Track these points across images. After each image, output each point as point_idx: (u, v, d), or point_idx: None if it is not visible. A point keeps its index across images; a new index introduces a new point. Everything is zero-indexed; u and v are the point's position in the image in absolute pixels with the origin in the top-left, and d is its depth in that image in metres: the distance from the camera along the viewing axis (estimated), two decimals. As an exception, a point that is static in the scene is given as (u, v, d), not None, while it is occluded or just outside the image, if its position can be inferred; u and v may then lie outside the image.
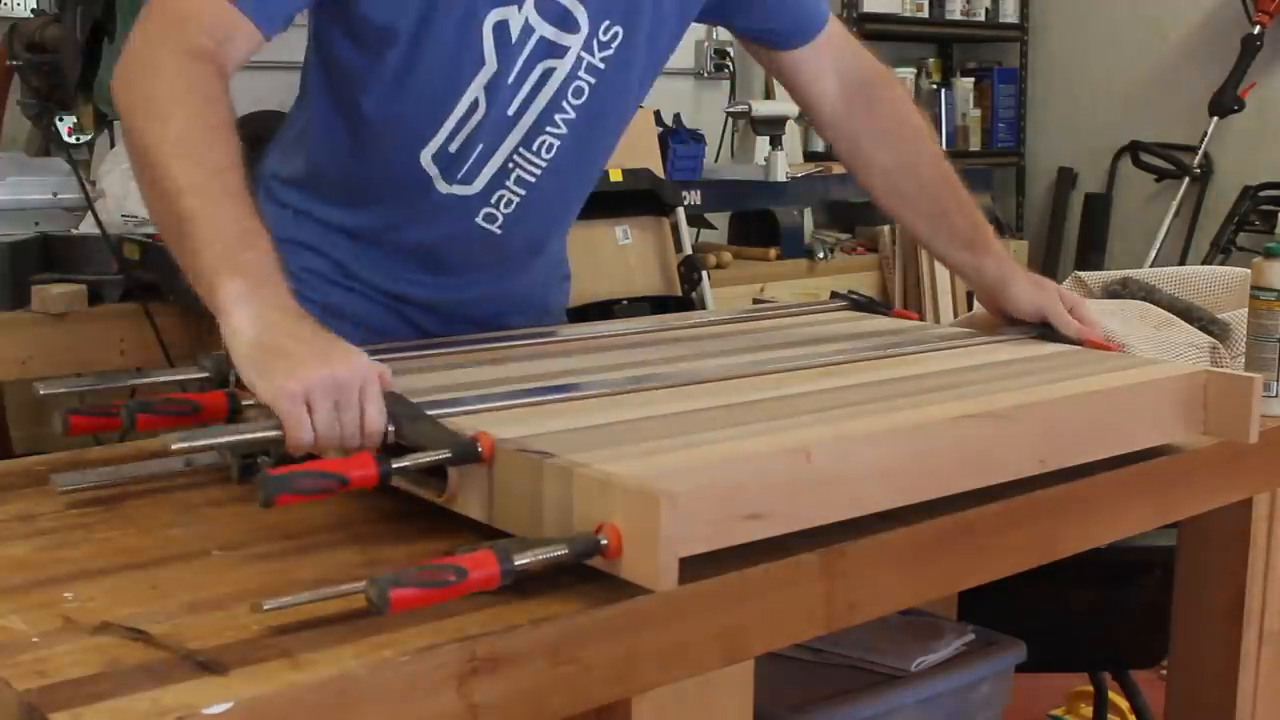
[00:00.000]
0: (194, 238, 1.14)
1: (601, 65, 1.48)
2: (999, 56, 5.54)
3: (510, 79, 1.45)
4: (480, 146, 1.48)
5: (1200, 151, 4.87)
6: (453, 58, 1.42)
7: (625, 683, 0.98)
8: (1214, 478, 1.44)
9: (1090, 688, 2.30)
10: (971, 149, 5.36)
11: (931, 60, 5.43)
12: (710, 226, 4.10)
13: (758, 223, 4.00)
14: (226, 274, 1.11)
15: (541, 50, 1.45)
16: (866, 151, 1.66)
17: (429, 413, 1.11)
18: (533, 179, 1.52)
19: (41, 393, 1.22)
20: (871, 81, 1.66)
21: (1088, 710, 2.70)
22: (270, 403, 1.06)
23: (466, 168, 1.49)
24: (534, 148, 1.50)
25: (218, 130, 1.20)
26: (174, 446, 1.02)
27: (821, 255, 3.88)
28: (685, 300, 3.39)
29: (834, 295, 1.79)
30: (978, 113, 5.40)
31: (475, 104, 1.45)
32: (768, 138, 3.82)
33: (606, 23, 1.47)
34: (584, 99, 1.49)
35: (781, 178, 3.80)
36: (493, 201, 1.52)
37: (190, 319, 2.55)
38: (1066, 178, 5.39)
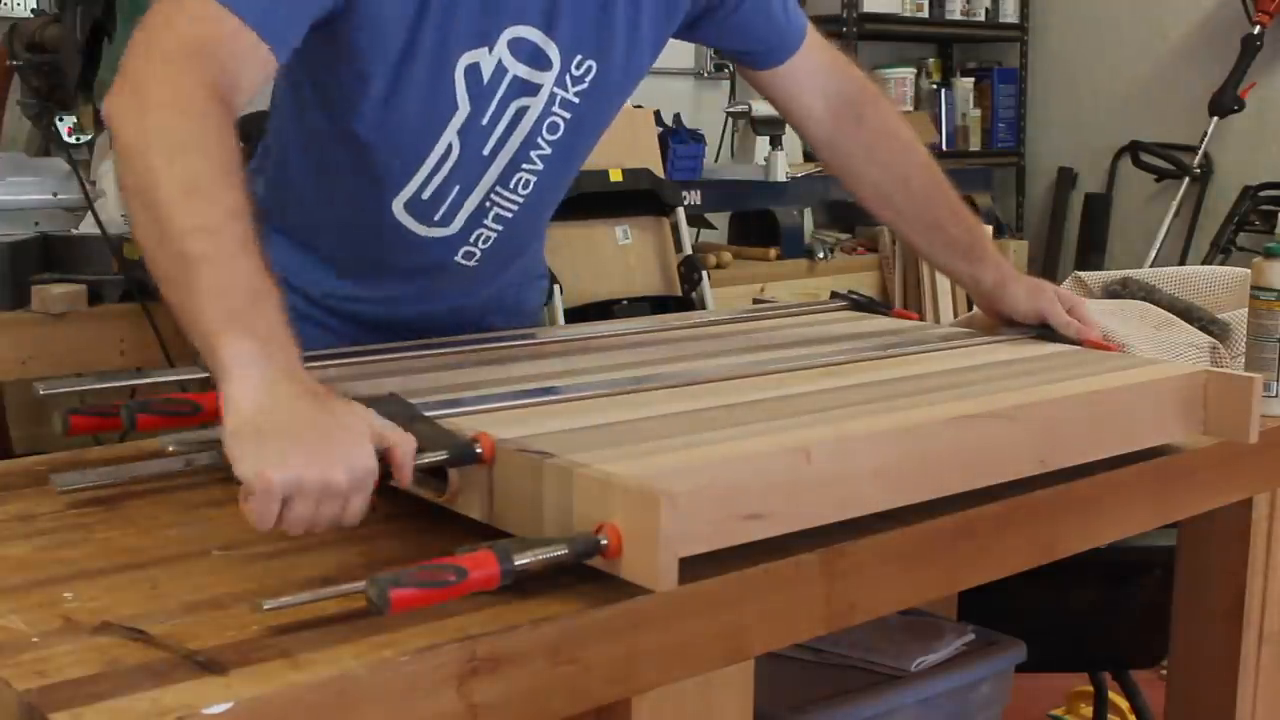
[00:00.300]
0: (199, 285, 1.02)
1: (575, 100, 1.46)
2: (999, 56, 5.54)
3: (485, 120, 1.42)
4: (456, 189, 1.46)
5: (1200, 151, 4.87)
6: (427, 103, 1.38)
7: (625, 683, 0.98)
8: (1214, 478, 1.44)
9: (1090, 688, 2.30)
10: (971, 149, 5.36)
11: (931, 60, 5.43)
12: (710, 226, 4.10)
13: (758, 223, 4.00)
14: (234, 332, 1.01)
15: (515, 89, 1.42)
16: (857, 167, 1.66)
17: (428, 414, 1.11)
18: (510, 214, 1.50)
19: (41, 393, 1.22)
20: (857, 97, 1.66)
21: (1088, 710, 2.70)
22: (246, 487, 0.95)
23: (443, 210, 1.46)
24: (511, 185, 1.48)
25: (230, 175, 1.09)
26: (170, 449, 1.02)
27: (821, 255, 3.88)
28: (685, 300, 3.39)
29: (834, 295, 1.79)
30: (978, 113, 5.40)
31: (449, 149, 1.42)
32: (768, 138, 3.82)
33: (579, 57, 1.44)
34: (559, 134, 1.47)
35: (781, 178, 3.80)
36: (471, 240, 1.51)
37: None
38: (1066, 178, 5.39)
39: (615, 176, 3.25)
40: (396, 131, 1.39)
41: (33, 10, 3.02)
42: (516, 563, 0.93)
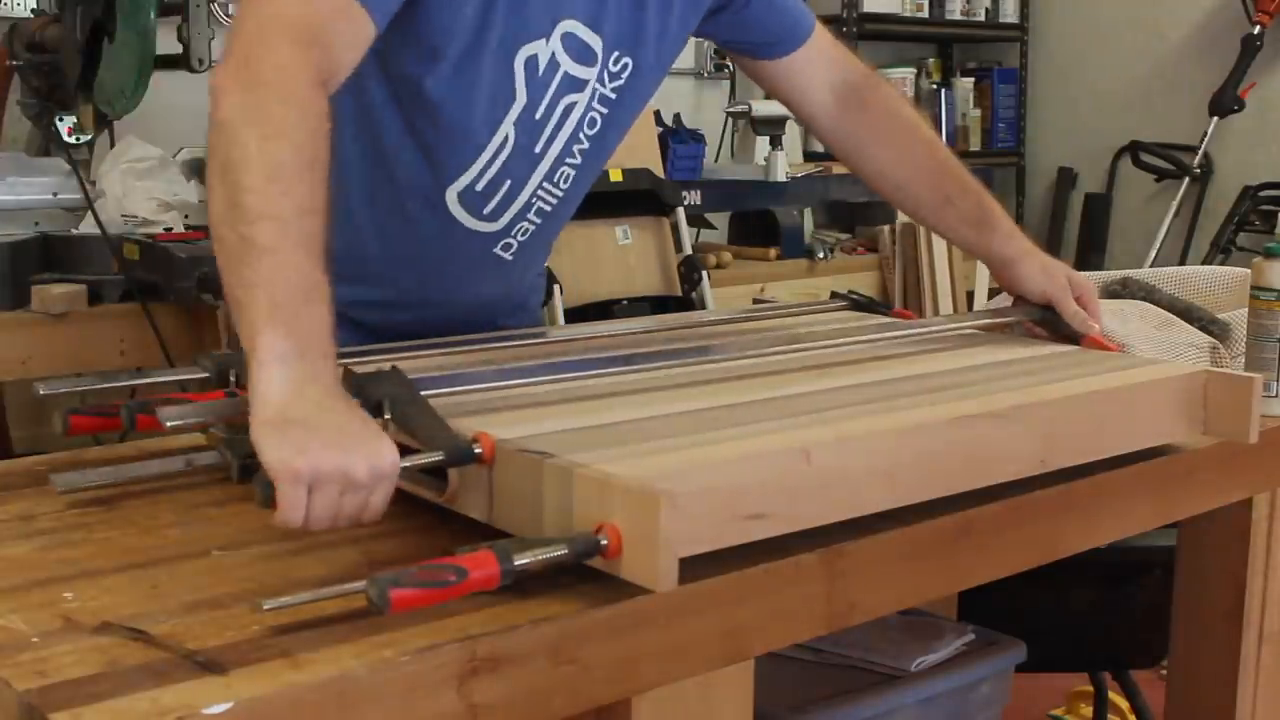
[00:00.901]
0: (257, 273, 1.05)
1: (612, 95, 1.50)
2: (999, 56, 5.54)
3: (538, 114, 1.45)
4: (508, 183, 1.48)
5: (1200, 151, 4.87)
6: (492, 87, 1.41)
7: (625, 683, 0.98)
8: (1214, 478, 1.44)
9: (1090, 688, 2.30)
10: (971, 149, 5.36)
11: (931, 60, 5.43)
12: (710, 226, 4.10)
13: (758, 223, 4.00)
14: (277, 328, 1.02)
15: (565, 85, 1.45)
16: (864, 151, 1.67)
17: (425, 392, 1.11)
18: (549, 209, 1.54)
19: (41, 393, 1.22)
20: (860, 84, 1.66)
21: (1088, 710, 2.70)
22: (272, 475, 0.97)
23: (494, 204, 1.49)
24: (554, 180, 1.51)
25: (314, 170, 1.11)
26: (167, 424, 1.02)
27: (821, 255, 3.88)
28: (685, 300, 3.39)
29: (834, 295, 1.79)
30: (978, 113, 5.40)
31: (506, 139, 1.44)
32: (768, 138, 3.82)
33: (617, 53, 1.47)
34: (596, 129, 1.51)
35: (781, 178, 3.80)
36: (513, 233, 1.53)
37: (190, 319, 2.55)
38: (1066, 178, 5.39)
39: (615, 176, 3.25)
40: (463, 111, 1.40)
41: (33, 10, 3.02)
42: (516, 563, 0.93)
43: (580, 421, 1.14)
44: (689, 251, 3.46)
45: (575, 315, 3.07)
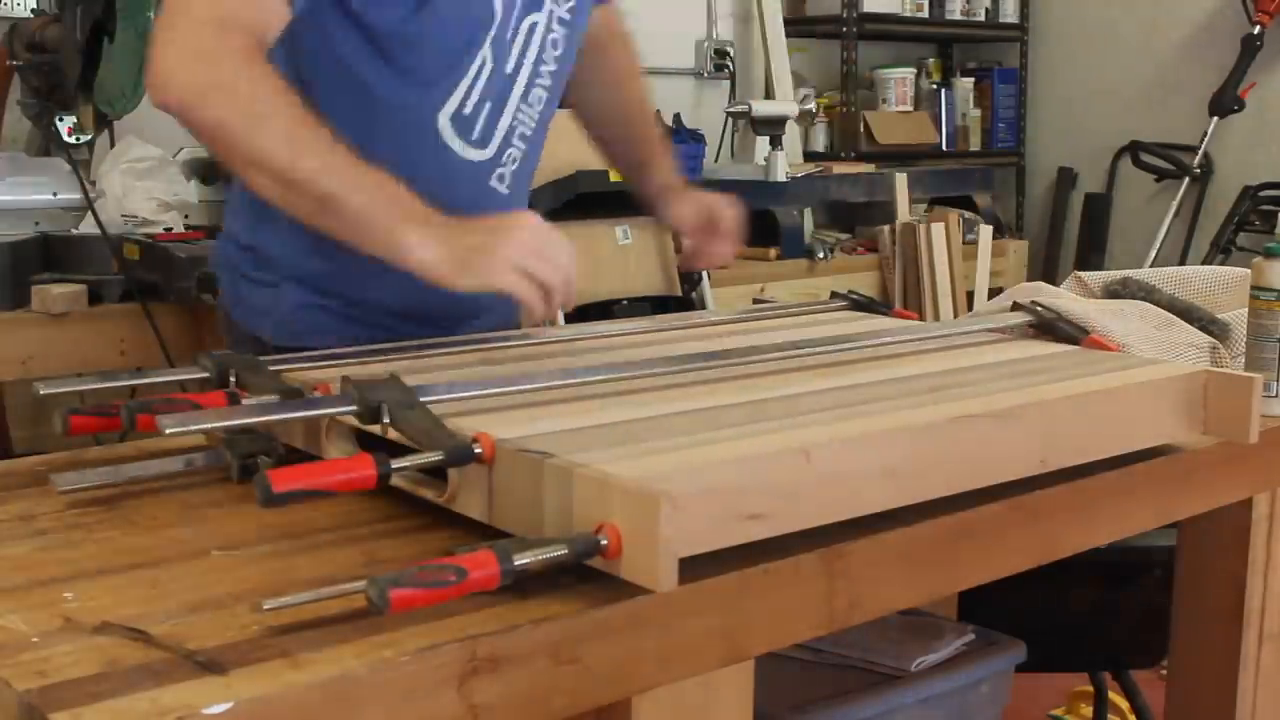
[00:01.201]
0: (347, 210, 1.29)
1: (567, 15, 1.60)
2: (999, 56, 5.54)
3: (508, 34, 1.53)
4: (488, 105, 1.55)
5: (1200, 151, 4.87)
6: (468, 10, 1.49)
7: (625, 683, 0.98)
8: (1214, 478, 1.44)
9: (1090, 688, 2.30)
10: (971, 149, 5.36)
11: (931, 60, 5.42)
12: (710, 226, 4.09)
13: (758, 223, 3.98)
14: (397, 223, 1.28)
15: (526, 5, 1.54)
16: (580, 93, 1.82)
17: (424, 399, 1.11)
18: (529, 132, 1.61)
19: (41, 393, 1.22)
20: (603, 37, 1.80)
21: (1088, 710, 2.70)
22: (496, 285, 1.27)
23: (480, 129, 1.55)
24: (529, 100, 1.59)
25: (305, 117, 1.30)
26: (167, 430, 1.02)
27: (821, 255, 3.88)
28: (685, 300, 3.39)
29: (834, 295, 1.79)
30: (978, 113, 5.40)
31: (484, 61, 1.52)
32: (768, 138, 3.83)
33: None
34: (559, 50, 1.60)
35: (781, 178, 3.80)
36: (503, 161, 1.59)
37: (190, 319, 2.55)
38: (1066, 178, 5.39)
39: (615, 176, 3.24)
40: (438, 34, 1.47)
41: (33, 10, 3.02)
42: (516, 563, 0.93)
43: (580, 421, 1.14)
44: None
45: (575, 315, 3.07)
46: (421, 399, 1.11)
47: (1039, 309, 1.57)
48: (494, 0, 1.50)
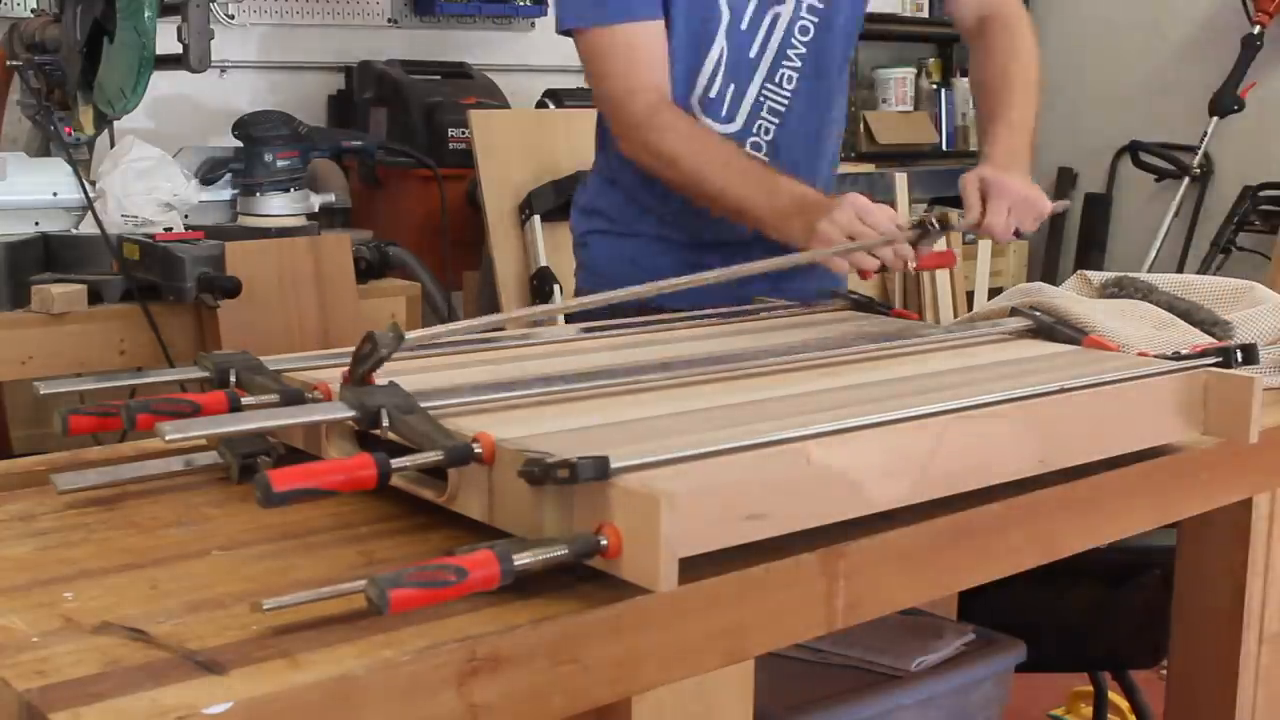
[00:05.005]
0: (748, 217, 1.74)
1: (820, 5, 1.87)
2: (999, 56, 5.53)
3: (744, 25, 1.85)
4: (733, 87, 1.87)
5: (1200, 151, 4.86)
6: (701, 11, 1.82)
7: (625, 683, 0.98)
8: (1214, 478, 1.44)
9: (1090, 688, 2.30)
10: (971, 149, 5.35)
11: (931, 60, 5.42)
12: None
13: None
14: (780, 222, 1.69)
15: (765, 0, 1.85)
16: (979, 60, 1.98)
17: (424, 405, 1.11)
18: (783, 107, 1.90)
19: (41, 393, 1.22)
20: (993, 15, 1.97)
21: (1088, 710, 2.70)
22: (839, 236, 1.61)
23: (726, 107, 1.88)
24: (777, 80, 1.89)
25: (705, 147, 1.77)
26: (168, 437, 1.02)
27: (822, 255, 3.87)
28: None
29: (834, 295, 1.79)
30: (978, 113, 5.39)
31: (722, 51, 1.85)
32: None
33: None
34: (810, 35, 1.88)
35: (782, 178, 3.79)
36: (754, 131, 1.90)
37: (190, 319, 2.55)
38: (1066, 178, 5.39)
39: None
40: (678, 37, 1.82)
41: (33, 10, 3.02)
42: (516, 563, 0.93)
43: (580, 421, 1.14)
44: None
45: (576, 315, 3.07)
46: (421, 404, 1.11)
47: (1037, 315, 1.57)
48: (721, 2, 1.83)
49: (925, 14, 5.15)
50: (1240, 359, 1.41)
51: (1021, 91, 1.88)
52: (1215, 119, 4.79)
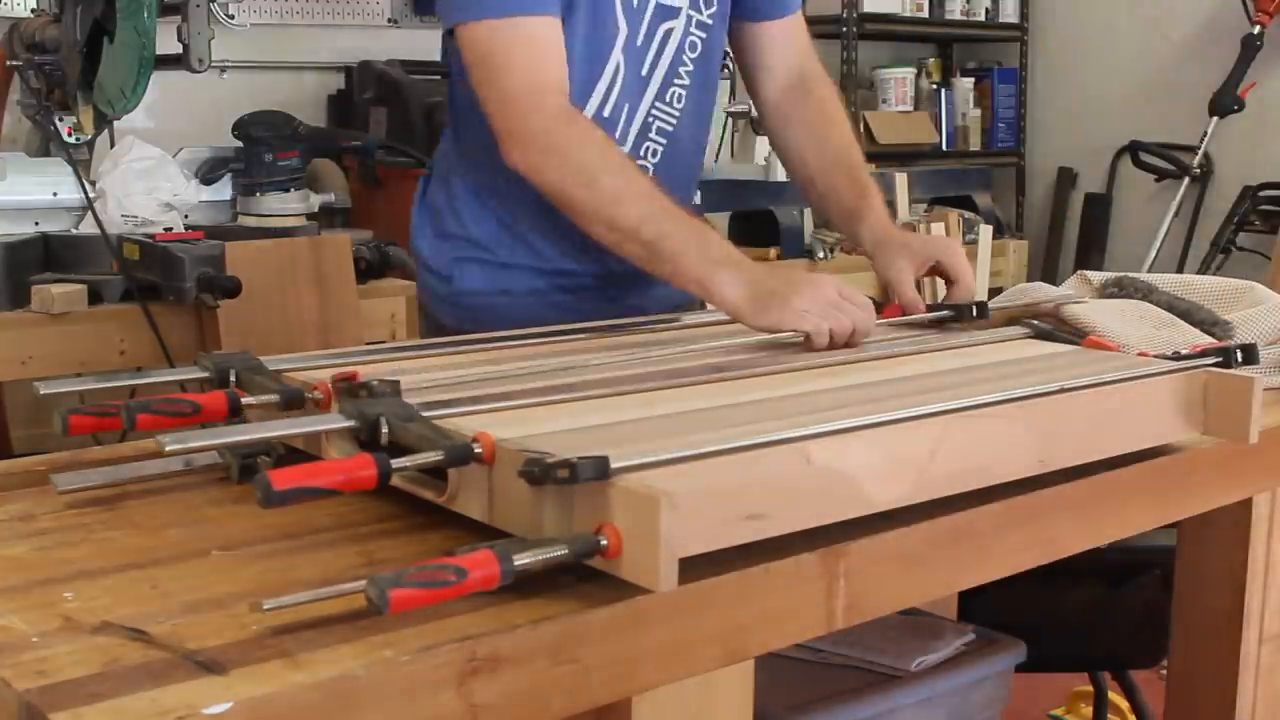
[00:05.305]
0: (666, 255, 1.49)
1: (708, 21, 1.75)
2: (999, 56, 5.54)
3: (639, 41, 1.70)
4: (626, 107, 1.71)
5: (1200, 151, 4.87)
6: (598, 26, 1.66)
7: (625, 683, 0.98)
8: (1214, 478, 1.44)
9: (1090, 688, 2.30)
10: (971, 149, 5.36)
11: (931, 60, 5.43)
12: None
13: (758, 223, 3.99)
14: (709, 267, 1.47)
15: (660, 14, 1.70)
16: (790, 135, 1.86)
17: (425, 415, 1.11)
18: (670, 128, 1.76)
19: (41, 393, 1.22)
20: (811, 79, 1.86)
21: (1088, 710, 2.70)
22: (789, 326, 1.42)
23: (619, 128, 1.71)
24: (667, 99, 1.75)
25: (627, 166, 1.56)
26: (168, 448, 1.02)
27: (821, 255, 3.88)
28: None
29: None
30: (978, 113, 5.40)
31: (618, 68, 1.69)
32: (768, 138, 3.82)
33: None
34: (698, 52, 1.75)
35: (781, 178, 3.79)
36: (642, 154, 1.75)
37: (190, 319, 2.55)
38: (1066, 178, 5.39)
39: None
40: (576, 49, 1.64)
41: (33, 10, 3.02)
42: (516, 563, 0.93)
43: (580, 421, 1.14)
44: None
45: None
46: (420, 406, 1.11)
47: (1034, 324, 1.57)
48: (618, 15, 1.67)
49: (925, 14, 5.15)
50: (1240, 359, 1.41)
51: (862, 165, 1.83)
52: (1215, 119, 4.79)
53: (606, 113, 1.70)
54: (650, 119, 1.74)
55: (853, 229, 1.77)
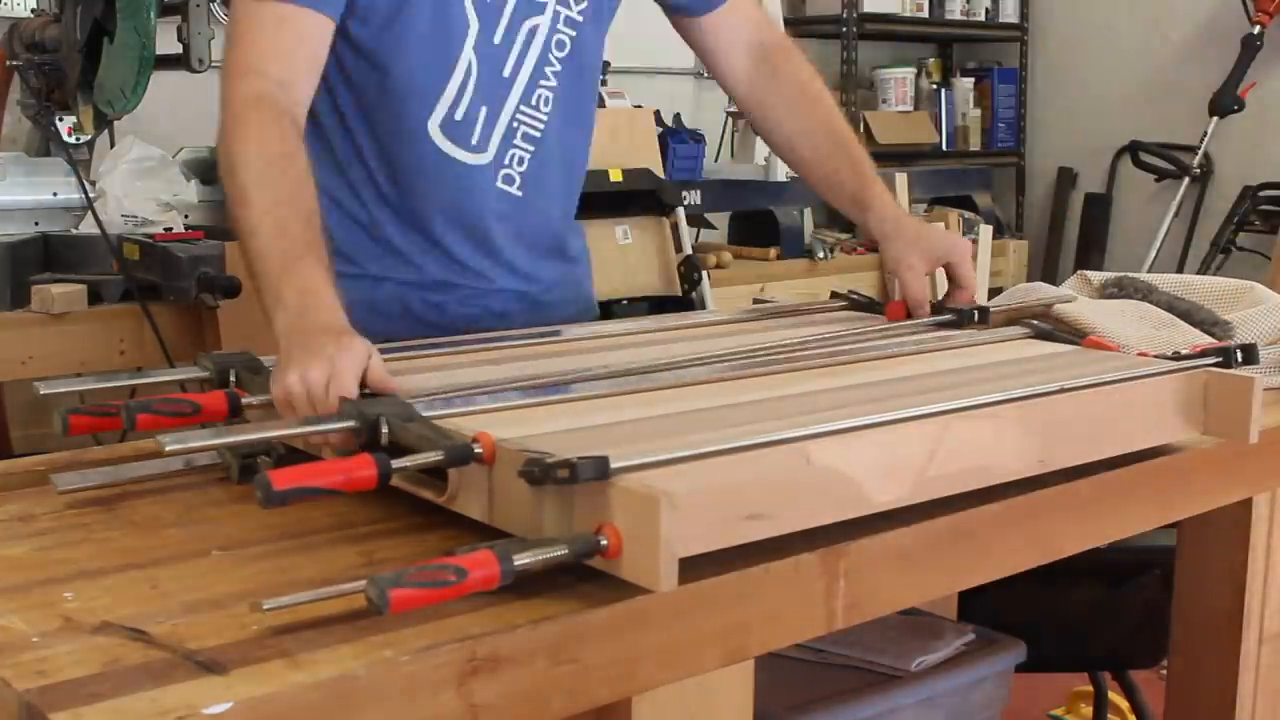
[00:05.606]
0: (256, 272, 1.29)
1: (579, 18, 1.62)
2: (999, 56, 5.54)
3: (497, 39, 1.56)
4: (484, 110, 1.58)
5: (1200, 151, 4.87)
6: (442, 22, 1.53)
7: (625, 683, 0.98)
8: (1214, 478, 1.44)
9: (1090, 688, 2.30)
10: (971, 149, 5.36)
11: (931, 60, 5.43)
12: (710, 226, 4.10)
13: (758, 223, 4.00)
14: (272, 302, 1.25)
15: (523, 9, 1.58)
16: (770, 117, 1.79)
17: (425, 414, 1.11)
18: (538, 133, 1.63)
19: (41, 393, 1.22)
20: (774, 50, 1.78)
21: (1088, 710, 2.70)
22: (287, 395, 1.16)
23: (478, 133, 1.59)
24: (533, 102, 1.61)
25: (271, 171, 1.36)
26: (168, 448, 1.02)
27: (821, 255, 3.89)
28: (685, 300, 3.39)
29: (834, 295, 1.79)
30: (978, 113, 5.40)
31: (470, 67, 1.55)
32: (751, 127, 3.82)
33: None
34: (566, 50, 1.62)
35: (781, 178, 3.80)
36: (506, 162, 1.62)
37: (190, 319, 2.55)
38: (1066, 178, 5.39)
39: (615, 176, 3.25)
40: (415, 46, 1.53)
41: (33, 10, 3.02)
42: (516, 563, 0.93)
43: (580, 421, 1.14)
44: (689, 251, 3.46)
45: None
46: (420, 406, 1.11)
47: (1034, 324, 1.57)
48: (467, 10, 1.54)
49: (925, 14, 5.15)
50: (1240, 359, 1.41)
51: (853, 135, 1.74)
52: (1215, 119, 4.79)
53: (459, 116, 1.57)
54: (515, 124, 1.61)
55: (859, 217, 1.72)
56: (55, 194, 2.71)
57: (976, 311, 1.59)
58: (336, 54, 1.52)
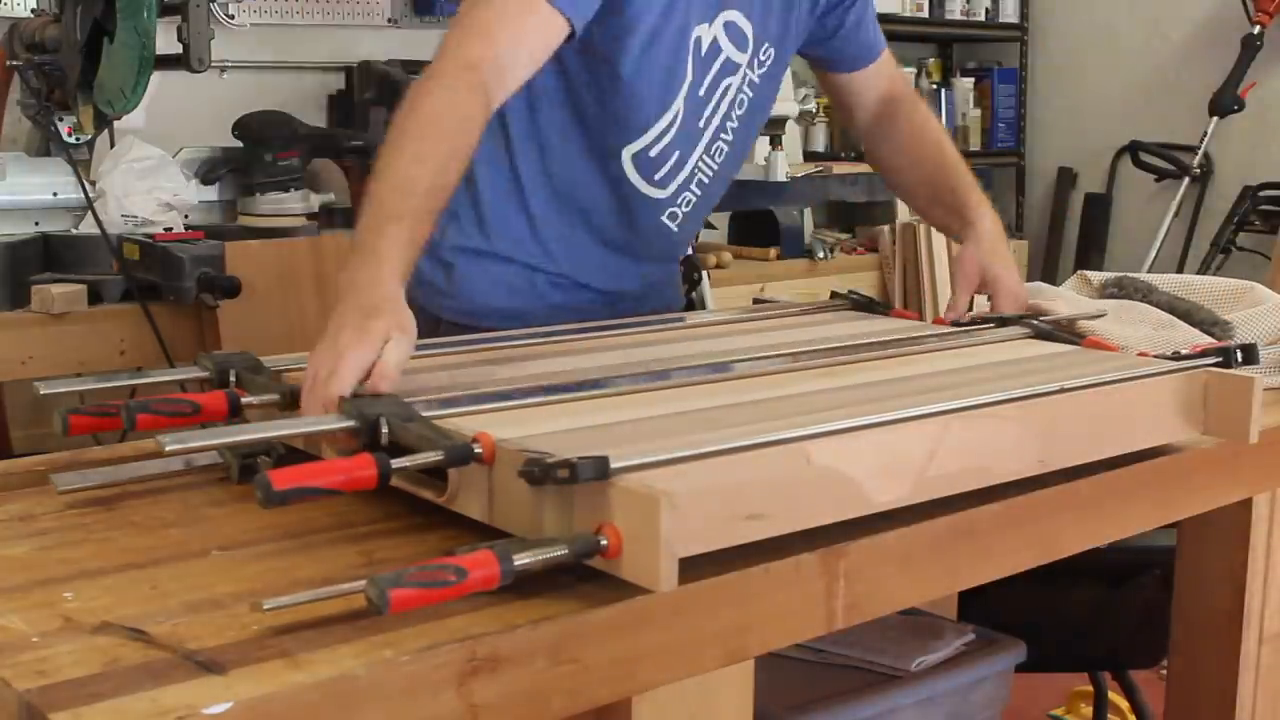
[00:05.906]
0: (363, 212, 1.28)
1: (758, 80, 1.73)
2: (999, 56, 5.54)
3: (702, 91, 1.67)
4: (677, 153, 1.68)
5: (1200, 151, 4.86)
6: (669, 61, 1.62)
7: (625, 683, 0.98)
8: (1214, 478, 1.44)
9: (1090, 688, 2.30)
10: (971, 149, 5.36)
11: (931, 60, 5.42)
12: (710, 226, 4.09)
13: (758, 223, 3.99)
14: (353, 255, 1.25)
15: (724, 68, 1.68)
16: (881, 149, 1.91)
17: (425, 414, 1.11)
18: (707, 180, 1.74)
19: (41, 393, 1.22)
20: (901, 100, 1.91)
21: (1088, 710, 2.70)
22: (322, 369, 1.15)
23: (664, 171, 1.69)
24: (711, 153, 1.73)
25: (436, 127, 1.34)
26: (168, 448, 1.02)
27: (821, 255, 3.88)
28: (685, 300, 3.39)
29: (834, 295, 1.79)
30: (978, 113, 5.40)
31: (677, 114, 1.66)
32: (768, 138, 3.82)
33: (766, 44, 1.71)
34: (743, 110, 1.74)
35: (781, 178, 3.79)
36: (678, 202, 1.73)
37: (190, 319, 2.55)
38: (1066, 178, 5.39)
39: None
40: (645, 84, 1.62)
41: (33, 10, 3.02)
42: (516, 563, 0.93)
43: (580, 421, 1.14)
44: (689, 251, 3.45)
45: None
46: (420, 406, 1.11)
47: (1034, 324, 1.57)
48: (688, 62, 1.63)
49: (925, 14, 5.15)
50: (1240, 359, 1.41)
51: (963, 165, 1.82)
52: (1215, 119, 4.79)
53: (654, 153, 1.66)
54: (695, 170, 1.72)
55: (959, 229, 1.78)
56: (55, 194, 2.71)
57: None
58: (562, 60, 1.56)
